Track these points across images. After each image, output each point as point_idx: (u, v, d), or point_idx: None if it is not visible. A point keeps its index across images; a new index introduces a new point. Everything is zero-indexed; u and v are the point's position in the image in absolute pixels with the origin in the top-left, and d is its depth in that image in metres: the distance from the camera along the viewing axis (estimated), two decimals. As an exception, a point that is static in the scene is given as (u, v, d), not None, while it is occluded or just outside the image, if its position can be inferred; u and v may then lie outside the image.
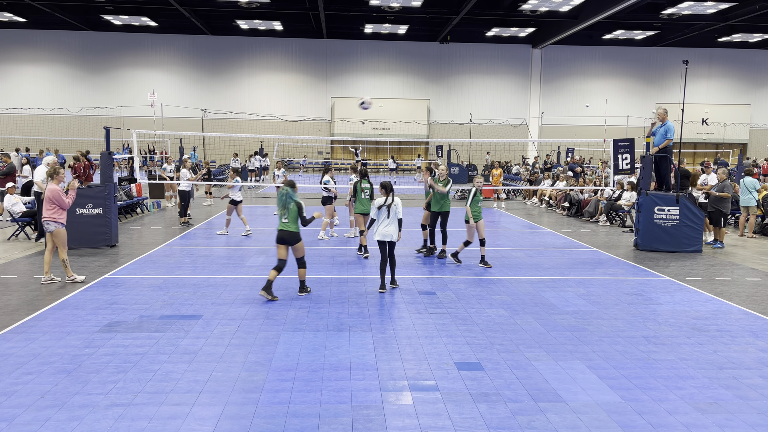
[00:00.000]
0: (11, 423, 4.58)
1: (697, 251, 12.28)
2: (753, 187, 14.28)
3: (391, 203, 8.63)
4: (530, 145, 41.93)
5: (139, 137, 19.78)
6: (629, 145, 14.54)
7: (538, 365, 5.92)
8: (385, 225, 8.59)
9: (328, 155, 44.01)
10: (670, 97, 43.23)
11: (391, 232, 8.55)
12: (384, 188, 8.85)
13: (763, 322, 7.55)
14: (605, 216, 16.74)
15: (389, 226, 8.58)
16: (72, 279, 8.94)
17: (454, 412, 4.88)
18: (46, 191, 8.86)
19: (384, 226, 8.60)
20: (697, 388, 5.43)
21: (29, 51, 41.53)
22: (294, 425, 4.62)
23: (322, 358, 6.00)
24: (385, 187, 8.85)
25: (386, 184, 8.86)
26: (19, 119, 41.11)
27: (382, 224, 8.61)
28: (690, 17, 34.82)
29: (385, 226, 8.59)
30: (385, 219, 8.59)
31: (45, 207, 8.79)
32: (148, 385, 5.29)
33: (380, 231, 8.59)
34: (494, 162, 28.44)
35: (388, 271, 8.82)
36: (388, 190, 8.76)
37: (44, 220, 8.80)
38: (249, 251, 11.70)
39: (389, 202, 8.63)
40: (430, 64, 43.47)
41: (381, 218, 8.63)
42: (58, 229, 8.78)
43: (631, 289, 9.18)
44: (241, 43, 42.50)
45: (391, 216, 8.57)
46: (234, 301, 8.03)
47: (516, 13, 34.33)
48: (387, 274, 8.81)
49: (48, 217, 8.75)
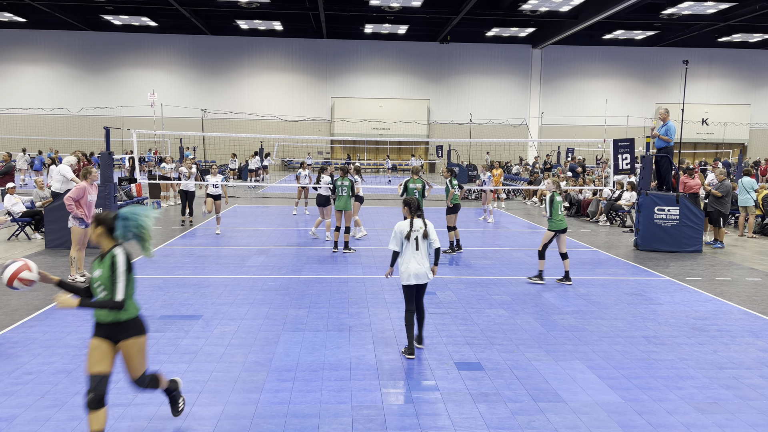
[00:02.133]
0: (11, 423, 4.58)
1: (697, 251, 12.28)
2: (751, 187, 14.29)
3: (424, 229, 6.15)
4: (530, 145, 41.93)
5: (139, 137, 19.77)
6: (629, 145, 14.55)
7: (538, 365, 5.91)
8: (417, 261, 6.05)
9: (328, 155, 44.01)
10: (670, 97, 43.23)
11: (425, 271, 6.06)
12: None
13: (763, 322, 7.55)
14: (605, 216, 16.74)
15: (422, 262, 6.08)
16: (73, 279, 8.95)
17: (454, 412, 4.88)
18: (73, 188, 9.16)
19: (415, 262, 6.04)
20: (697, 388, 5.43)
21: (29, 51, 41.53)
22: (294, 425, 4.62)
23: (322, 358, 5.99)
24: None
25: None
26: (19, 119, 41.10)
27: (410, 260, 6.05)
28: (690, 17, 34.82)
29: (417, 263, 6.04)
30: (413, 252, 6.07)
31: (67, 198, 9.03)
32: (148, 385, 5.29)
33: (410, 270, 6.01)
34: (494, 162, 28.43)
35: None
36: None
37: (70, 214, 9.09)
38: (249, 251, 11.70)
39: (418, 227, 6.14)
40: (430, 64, 43.47)
41: (408, 252, 6.08)
42: (73, 226, 8.96)
43: (631, 289, 9.18)
44: (241, 43, 42.50)
45: (421, 248, 6.10)
46: (234, 301, 8.03)
47: (516, 13, 34.32)
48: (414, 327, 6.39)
49: (72, 213, 9.00)
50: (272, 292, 8.54)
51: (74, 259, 8.97)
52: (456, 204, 11.80)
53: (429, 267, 6.12)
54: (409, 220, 6.14)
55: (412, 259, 6.04)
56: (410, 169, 11.93)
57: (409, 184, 11.27)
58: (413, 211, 6.17)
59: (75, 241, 8.96)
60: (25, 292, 8.36)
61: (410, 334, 6.12)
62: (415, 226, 6.11)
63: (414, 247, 6.07)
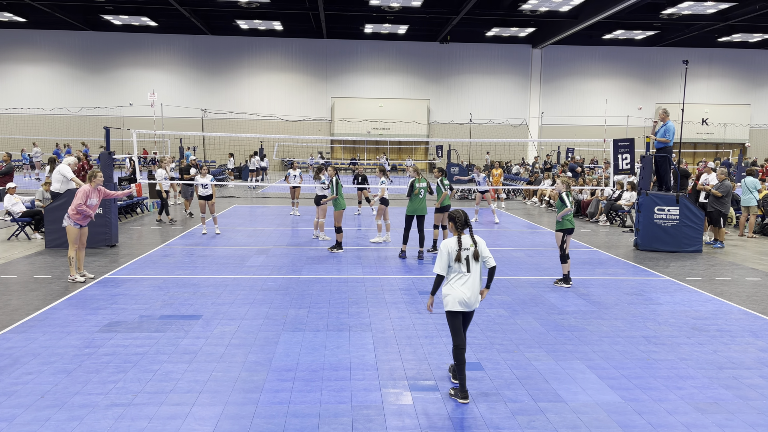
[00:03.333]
0: (11, 423, 4.58)
1: (697, 251, 12.28)
2: (754, 187, 14.28)
3: (474, 248, 5.14)
4: (530, 145, 41.92)
5: (139, 137, 19.77)
6: (629, 145, 14.53)
7: (538, 365, 5.91)
8: (468, 286, 5.08)
9: (328, 155, 44.01)
10: (670, 97, 43.23)
11: (476, 297, 5.12)
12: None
13: (763, 322, 7.55)
14: (605, 216, 16.74)
15: (474, 287, 5.11)
16: (72, 279, 8.96)
17: (454, 412, 4.88)
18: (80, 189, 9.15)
19: (465, 287, 5.08)
20: (697, 388, 5.43)
21: (29, 51, 41.52)
22: (294, 425, 4.62)
23: (322, 358, 5.99)
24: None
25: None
26: (19, 119, 41.10)
27: (460, 284, 5.09)
28: (690, 17, 34.82)
29: (468, 288, 5.08)
30: (464, 275, 5.10)
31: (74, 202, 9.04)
32: (148, 385, 5.29)
33: (457, 295, 5.07)
34: (494, 162, 28.43)
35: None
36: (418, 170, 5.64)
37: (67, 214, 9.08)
38: (249, 251, 11.70)
39: (467, 245, 5.14)
40: (430, 64, 43.47)
41: (456, 274, 5.12)
42: (68, 226, 8.94)
43: (631, 289, 9.17)
44: (241, 43, 42.50)
45: (473, 269, 5.12)
46: (234, 301, 8.02)
47: (516, 13, 34.33)
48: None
49: (68, 212, 9.00)
50: (272, 292, 8.54)
51: (73, 259, 8.94)
52: (446, 204, 11.87)
53: (479, 290, 5.16)
54: (457, 237, 5.14)
55: (463, 283, 5.06)
56: (411, 169, 11.91)
57: (416, 183, 11.33)
58: (460, 226, 5.16)
59: (71, 241, 8.93)
60: (25, 291, 8.37)
61: (463, 372, 5.07)
62: (464, 244, 5.12)
63: (465, 269, 5.09)
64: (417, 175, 11.45)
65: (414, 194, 11.19)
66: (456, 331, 5.09)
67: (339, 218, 11.92)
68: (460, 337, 5.09)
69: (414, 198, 11.20)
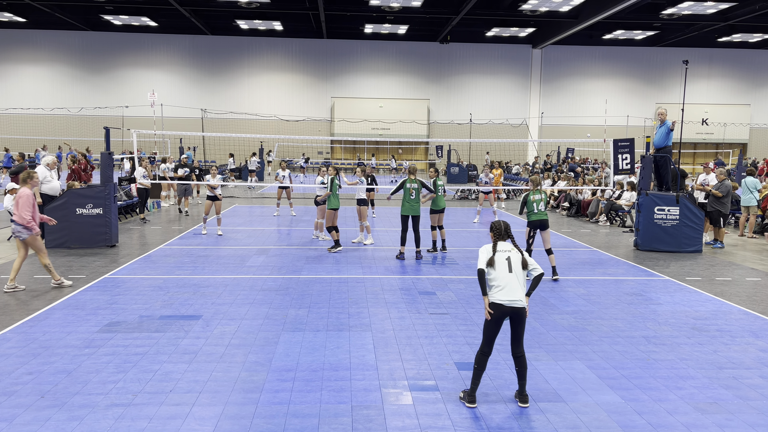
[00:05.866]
0: (11, 423, 4.58)
1: (697, 251, 12.28)
2: (754, 187, 14.28)
3: (516, 251, 5.11)
4: (530, 145, 41.92)
5: (139, 137, 19.77)
6: (629, 145, 14.54)
7: (538, 365, 5.91)
8: (511, 286, 4.99)
9: (328, 155, 44.01)
10: (670, 97, 43.23)
11: (519, 295, 4.99)
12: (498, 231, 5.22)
13: (763, 322, 7.55)
14: (605, 216, 16.74)
15: (517, 286, 5.00)
16: (59, 283, 8.64)
17: (454, 412, 4.88)
18: (18, 194, 8.24)
19: (509, 287, 4.99)
20: (697, 388, 5.43)
21: (29, 51, 41.53)
22: (294, 425, 4.62)
23: (322, 358, 5.99)
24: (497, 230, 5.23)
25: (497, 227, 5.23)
26: (19, 119, 41.11)
27: (503, 283, 4.99)
28: (690, 17, 34.82)
29: (510, 288, 4.98)
30: (505, 274, 5.01)
31: (22, 210, 8.12)
32: (148, 385, 5.29)
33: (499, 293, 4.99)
34: (494, 162, 28.43)
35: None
36: (501, 233, 5.19)
37: (17, 226, 8.21)
38: (249, 251, 11.70)
39: (505, 249, 5.11)
40: (430, 64, 43.47)
41: (498, 274, 5.02)
42: (32, 236, 8.25)
43: (631, 289, 9.18)
44: (241, 43, 42.50)
45: (515, 269, 5.04)
46: (234, 301, 8.02)
47: (516, 13, 34.32)
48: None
49: (24, 223, 8.15)
50: (272, 292, 8.54)
51: (50, 265, 8.46)
52: (442, 207, 11.84)
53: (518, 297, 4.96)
54: (493, 242, 5.14)
55: (507, 282, 4.96)
56: (408, 169, 11.88)
57: (406, 183, 11.32)
58: (499, 237, 5.13)
59: (38, 249, 8.36)
60: (25, 291, 8.37)
61: (478, 379, 5.02)
62: (499, 247, 5.09)
63: (506, 269, 4.99)
64: (410, 174, 11.44)
65: (407, 195, 11.21)
66: (488, 338, 5.03)
67: (330, 217, 11.87)
68: (489, 345, 5.04)
69: (407, 198, 11.21)
